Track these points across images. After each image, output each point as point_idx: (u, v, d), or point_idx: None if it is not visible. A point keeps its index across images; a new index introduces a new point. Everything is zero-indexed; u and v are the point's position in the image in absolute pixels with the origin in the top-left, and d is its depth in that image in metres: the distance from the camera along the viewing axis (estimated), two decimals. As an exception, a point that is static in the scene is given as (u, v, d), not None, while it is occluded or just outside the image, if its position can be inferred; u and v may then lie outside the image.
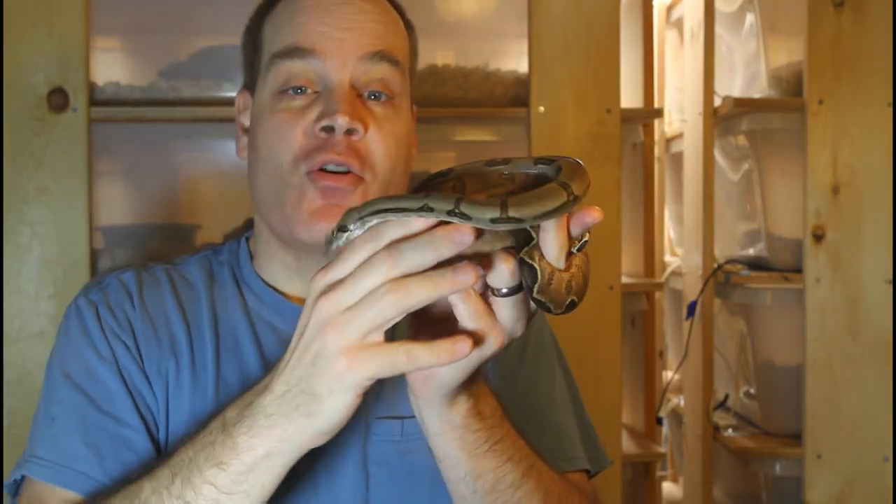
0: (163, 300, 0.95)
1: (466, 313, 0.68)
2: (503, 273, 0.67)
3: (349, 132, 0.89)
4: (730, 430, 2.28)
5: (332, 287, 0.67)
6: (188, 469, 0.72)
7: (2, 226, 1.78)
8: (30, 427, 1.81)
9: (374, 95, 0.93)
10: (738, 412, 2.39)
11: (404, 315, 0.66)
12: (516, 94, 1.98)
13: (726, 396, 2.40)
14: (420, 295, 0.65)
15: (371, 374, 0.66)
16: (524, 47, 1.95)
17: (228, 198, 2.00)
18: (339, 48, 0.91)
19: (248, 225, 1.96)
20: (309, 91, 0.92)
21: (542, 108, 1.93)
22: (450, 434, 0.76)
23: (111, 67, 1.92)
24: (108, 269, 1.01)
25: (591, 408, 1.06)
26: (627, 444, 2.25)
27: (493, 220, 0.63)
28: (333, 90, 0.90)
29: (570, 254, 0.70)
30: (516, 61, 2.00)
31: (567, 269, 0.69)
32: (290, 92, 0.92)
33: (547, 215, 0.64)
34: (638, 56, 2.42)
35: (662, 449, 2.50)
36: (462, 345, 0.66)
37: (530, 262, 0.67)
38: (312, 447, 0.71)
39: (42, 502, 0.85)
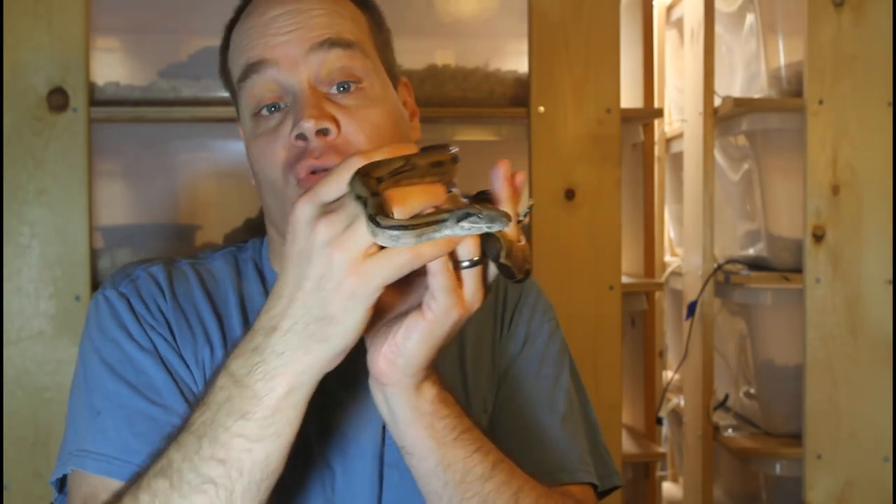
0: (192, 293, 0.95)
1: (440, 284, 0.70)
2: (468, 245, 0.70)
3: (322, 133, 0.88)
4: (730, 430, 2.28)
5: (328, 209, 0.69)
6: (212, 429, 0.73)
7: (2, 226, 1.78)
8: (31, 424, 1.80)
9: (342, 87, 0.92)
10: (738, 412, 2.39)
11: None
12: (516, 94, 1.98)
13: (726, 396, 2.40)
14: (418, 202, 0.68)
15: (381, 282, 0.67)
16: (524, 47, 1.95)
17: (228, 198, 2.00)
18: (284, 50, 0.91)
19: (248, 225, 1.96)
20: (282, 106, 0.92)
21: (542, 108, 1.93)
22: (419, 422, 0.77)
23: (111, 67, 1.92)
24: (136, 262, 1.00)
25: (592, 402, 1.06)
26: (627, 444, 2.25)
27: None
28: (296, 96, 0.90)
29: (519, 223, 0.75)
30: (516, 61, 2.00)
31: (519, 239, 0.74)
32: (264, 112, 0.92)
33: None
34: (638, 56, 2.43)
35: (662, 449, 2.51)
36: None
37: (493, 232, 0.71)
38: (329, 370, 0.72)
39: (95, 496, 0.84)
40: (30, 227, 1.79)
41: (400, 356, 0.73)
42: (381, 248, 0.68)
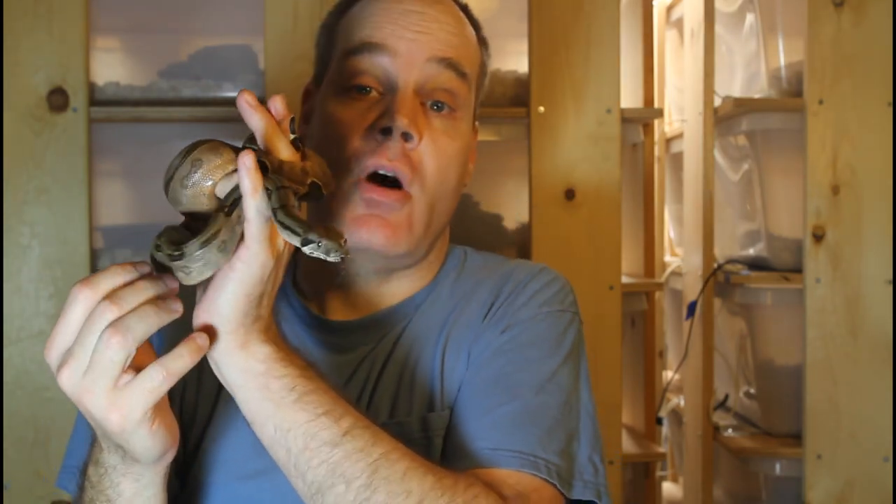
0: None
1: (254, 232, 0.70)
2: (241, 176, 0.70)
3: (405, 137, 0.88)
4: (730, 430, 2.28)
5: (65, 357, 0.69)
6: None
7: (2, 226, 1.78)
8: (31, 424, 1.80)
9: (437, 106, 0.93)
10: (738, 412, 2.39)
11: (136, 350, 0.68)
12: (516, 94, 1.98)
13: (726, 396, 2.40)
14: (141, 329, 0.68)
15: (142, 410, 0.69)
16: (524, 47, 1.95)
17: (228, 198, 2.00)
18: (408, 48, 0.91)
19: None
20: (373, 92, 0.92)
21: (542, 108, 1.93)
22: (252, 383, 0.74)
23: (111, 67, 1.91)
24: None
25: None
26: (627, 444, 2.25)
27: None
28: (397, 92, 0.90)
29: (298, 148, 0.77)
30: (516, 61, 2.00)
31: (302, 157, 0.77)
32: (355, 91, 0.92)
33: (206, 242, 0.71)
34: (638, 56, 2.42)
35: (662, 449, 2.50)
36: (200, 338, 0.70)
37: (260, 157, 0.73)
38: (166, 464, 0.75)
39: None
40: (30, 227, 1.79)
41: (216, 314, 0.72)
42: (134, 371, 0.68)
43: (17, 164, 1.79)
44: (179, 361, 0.69)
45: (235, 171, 0.72)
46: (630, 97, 2.40)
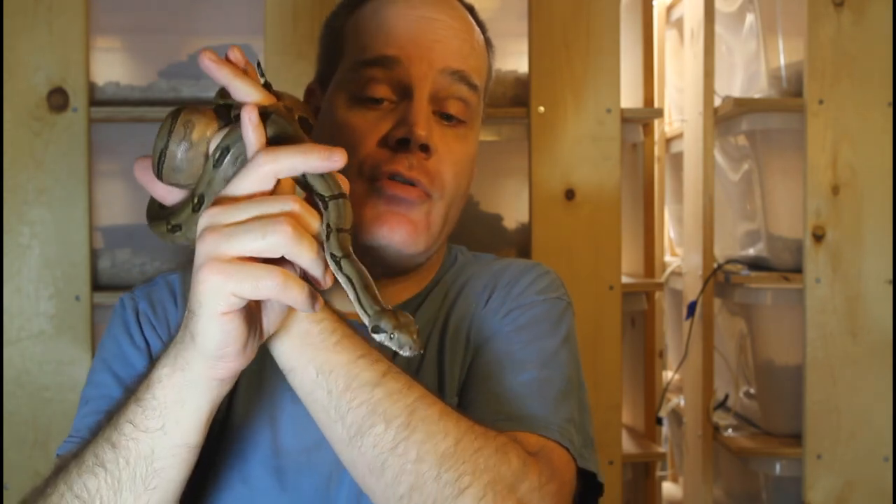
0: None
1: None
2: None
3: (422, 148, 0.89)
4: (730, 430, 2.28)
5: (228, 199, 0.68)
6: (118, 411, 0.75)
7: (2, 226, 1.78)
8: (31, 424, 1.82)
9: (448, 117, 0.94)
10: (738, 412, 2.39)
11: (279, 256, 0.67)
12: (516, 94, 1.98)
13: (726, 396, 2.40)
14: (305, 255, 0.67)
15: (233, 290, 0.66)
16: (524, 47, 1.95)
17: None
18: (423, 56, 0.92)
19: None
20: (385, 102, 0.92)
21: (542, 108, 1.93)
22: (293, 328, 0.74)
23: (111, 67, 1.92)
24: (168, 270, 1.03)
25: (590, 407, 1.02)
26: (627, 444, 2.25)
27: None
28: (413, 102, 0.91)
29: (271, 92, 0.77)
30: (516, 61, 2.00)
31: (279, 99, 0.77)
32: (368, 102, 0.92)
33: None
34: (638, 56, 2.42)
35: (662, 449, 2.50)
36: (318, 303, 0.69)
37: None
38: (215, 384, 0.71)
39: None
40: (30, 227, 1.79)
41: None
42: (263, 260, 0.66)
43: (17, 164, 1.79)
44: (296, 292, 0.67)
45: (222, 127, 0.74)
46: (630, 97, 2.40)
